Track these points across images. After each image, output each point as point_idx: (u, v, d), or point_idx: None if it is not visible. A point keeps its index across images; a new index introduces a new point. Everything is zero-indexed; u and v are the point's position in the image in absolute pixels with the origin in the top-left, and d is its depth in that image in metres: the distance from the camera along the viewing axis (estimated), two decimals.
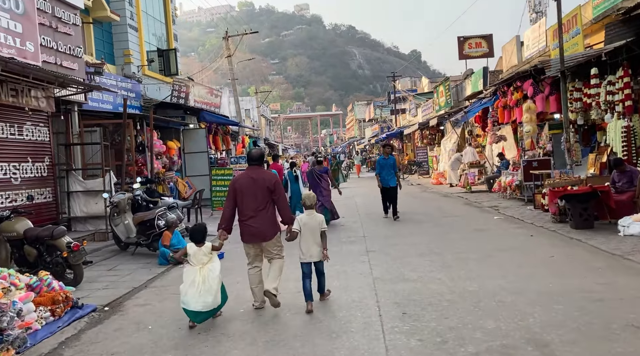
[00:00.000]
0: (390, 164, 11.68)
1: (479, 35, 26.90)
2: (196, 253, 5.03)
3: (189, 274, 4.97)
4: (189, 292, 4.87)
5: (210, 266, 5.02)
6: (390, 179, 11.59)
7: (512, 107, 15.11)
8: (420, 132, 31.40)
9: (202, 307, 4.86)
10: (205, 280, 4.92)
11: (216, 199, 14.45)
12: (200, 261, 5.01)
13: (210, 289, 4.90)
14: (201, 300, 4.85)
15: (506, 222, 9.95)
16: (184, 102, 17.79)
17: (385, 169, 11.63)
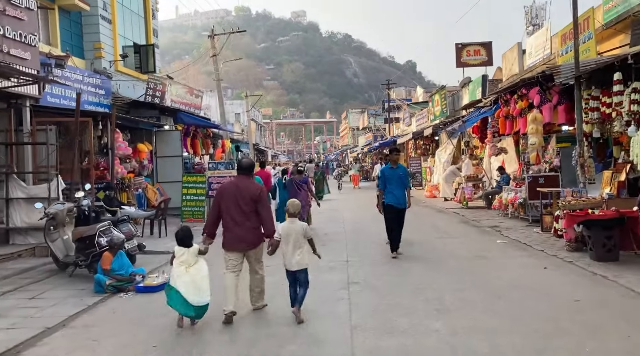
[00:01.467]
0: (400, 176, 8.48)
1: (477, 43, 25.80)
2: (183, 255, 5.22)
3: (177, 275, 5.15)
4: (182, 289, 5.04)
5: (197, 266, 5.21)
6: (400, 197, 8.37)
7: (515, 117, 13.84)
8: (414, 142, 30.16)
9: (200, 301, 5.05)
10: (194, 279, 5.11)
11: (186, 209, 13.01)
12: (187, 262, 5.19)
13: (200, 287, 5.10)
14: (195, 294, 5.04)
15: (511, 247, 8.60)
16: (159, 101, 16.37)
17: (393, 183, 8.38)
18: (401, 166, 8.98)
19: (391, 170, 8.62)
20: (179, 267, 5.19)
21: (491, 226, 11.23)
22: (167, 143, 15.74)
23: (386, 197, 8.44)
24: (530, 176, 11.34)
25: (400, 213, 8.37)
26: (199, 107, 19.41)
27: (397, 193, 8.38)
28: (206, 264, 5.29)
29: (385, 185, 8.46)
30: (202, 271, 5.22)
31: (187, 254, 5.23)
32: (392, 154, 9.12)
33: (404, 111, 37.17)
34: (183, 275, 5.11)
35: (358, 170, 35.32)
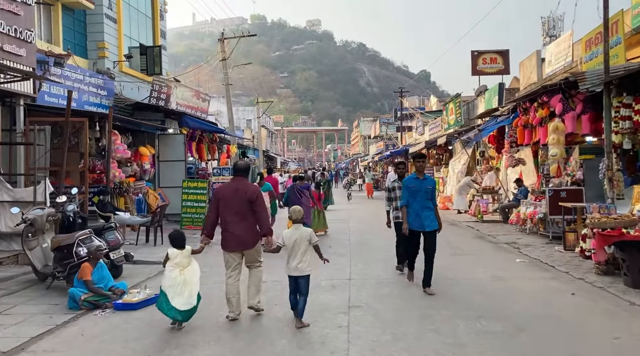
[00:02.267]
0: (428, 190, 6.69)
1: (494, 51, 25.00)
2: (177, 257, 5.30)
3: (170, 277, 5.19)
4: (170, 292, 5.09)
5: (191, 268, 5.30)
6: (427, 217, 6.57)
7: (535, 127, 13.05)
8: (427, 151, 29.38)
9: (184, 305, 5.08)
10: (187, 282, 5.18)
11: (186, 215, 12.39)
12: (180, 264, 5.28)
13: (192, 290, 5.18)
14: (183, 300, 5.08)
15: (532, 268, 7.81)
16: (164, 104, 15.87)
17: (419, 198, 6.58)
18: (429, 177, 7.03)
19: (417, 181, 6.66)
20: (172, 270, 5.25)
21: (508, 242, 10.44)
22: (171, 147, 15.19)
23: (411, 217, 6.55)
24: (552, 190, 10.54)
25: (431, 236, 6.56)
26: (205, 111, 18.88)
27: (426, 212, 6.52)
28: (198, 265, 5.45)
29: (408, 200, 6.60)
30: (195, 273, 5.34)
31: (181, 256, 5.32)
32: (416, 162, 7.06)
33: (417, 120, 36.41)
34: (176, 278, 5.19)
35: (372, 179, 32.51)
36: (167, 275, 5.22)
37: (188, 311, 5.14)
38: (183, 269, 5.24)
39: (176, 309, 5.06)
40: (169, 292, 5.09)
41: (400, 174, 8.12)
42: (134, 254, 9.37)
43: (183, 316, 5.14)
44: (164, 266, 5.36)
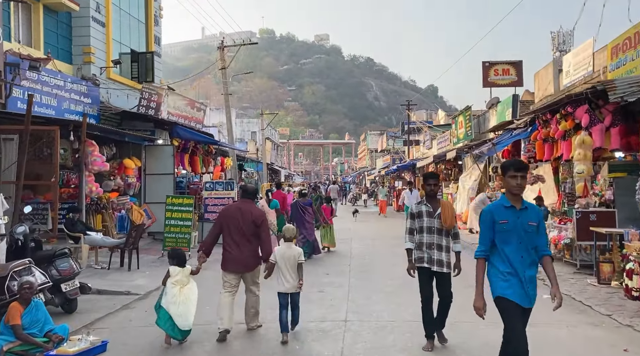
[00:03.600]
0: (531, 228, 3.80)
1: (506, 62, 23.91)
2: (178, 275, 5.37)
3: (172, 293, 5.25)
4: (172, 310, 5.15)
5: (189, 287, 5.40)
6: (532, 282, 3.99)
7: (557, 141, 11.83)
8: (435, 166, 28.16)
9: (185, 325, 5.18)
10: (187, 300, 5.26)
11: (169, 236, 11.21)
12: (180, 282, 5.36)
13: (191, 309, 5.28)
14: (182, 320, 5.16)
15: (565, 308, 6.43)
16: (154, 113, 14.81)
17: (515, 242, 3.80)
18: (531, 204, 3.97)
19: (511, 212, 3.77)
20: (173, 287, 5.28)
21: None
22: (158, 159, 14.09)
23: (495, 282, 3.94)
24: (580, 212, 9.28)
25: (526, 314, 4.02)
26: (200, 122, 17.82)
27: (530, 272, 3.85)
28: (196, 285, 5.49)
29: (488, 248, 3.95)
30: (194, 292, 5.40)
31: (182, 274, 5.37)
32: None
33: (425, 133, 35.24)
34: (177, 296, 5.21)
35: (387, 194, 29.66)
36: (168, 292, 5.26)
37: (188, 332, 5.25)
38: (183, 288, 5.31)
39: (177, 328, 5.15)
40: (170, 309, 5.16)
41: (429, 193, 5.31)
42: (103, 281, 8.26)
43: (183, 335, 5.23)
44: (164, 284, 5.38)
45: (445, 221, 5.12)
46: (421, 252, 5.19)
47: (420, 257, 5.20)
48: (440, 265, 5.18)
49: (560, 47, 34.03)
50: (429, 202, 5.25)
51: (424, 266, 5.20)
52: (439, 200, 5.31)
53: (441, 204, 5.27)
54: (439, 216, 5.13)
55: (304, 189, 15.98)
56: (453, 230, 5.27)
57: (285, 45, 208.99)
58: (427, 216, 5.17)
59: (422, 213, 5.21)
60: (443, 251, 5.18)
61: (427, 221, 5.15)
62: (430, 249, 5.16)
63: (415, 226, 5.25)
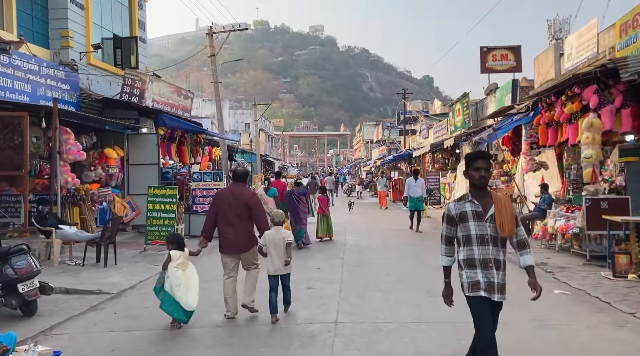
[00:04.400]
0: None
1: (505, 46, 23.16)
2: (180, 258, 5.43)
3: (176, 276, 5.32)
4: (177, 294, 5.22)
5: (191, 269, 5.51)
6: None
7: (562, 124, 11.18)
8: (432, 155, 27.52)
9: (191, 306, 5.28)
10: (189, 282, 5.36)
11: (152, 229, 10.52)
12: (182, 265, 5.43)
13: (195, 291, 5.38)
14: (189, 300, 5.25)
15: (581, 305, 5.87)
16: (137, 100, 14.05)
17: None
18: None
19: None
20: (176, 271, 5.35)
21: (537, 263, 8.51)
22: (142, 149, 13.36)
23: None
24: (590, 199, 8.64)
25: None
26: (188, 110, 17.07)
27: None
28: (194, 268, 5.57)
29: None
30: (194, 274, 5.50)
31: (182, 257, 5.46)
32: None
33: (421, 123, 34.55)
34: (181, 279, 5.28)
35: (386, 185, 27.34)
36: (172, 276, 5.31)
37: (192, 312, 5.34)
38: (185, 270, 5.40)
39: (183, 310, 5.24)
40: (175, 293, 5.21)
41: (478, 183, 3.53)
42: (75, 279, 7.58)
43: (188, 316, 5.31)
44: (164, 268, 5.42)
45: (501, 226, 3.42)
46: (474, 272, 3.53)
47: (475, 282, 3.51)
48: (502, 292, 3.53)
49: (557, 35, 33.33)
50: (477, 198, 3.50)
51: (481, 296, 3.49)
52: (490, 194, 3.54)
53: (494, 199, 3.49)
54: (492, 218, 3.45)
55: (299, 178, 15.65)
56: (516, 237, 3.55)
57: (279, 37, 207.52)
58: (475, 219, 3.47)
59: (467, 215, 3.50)
60: (501, 269, 3.55)
61: (476, 226, 3.47)
62: (486, 269, 3.49)
63: (457, 234, 3.61)
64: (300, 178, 16.06)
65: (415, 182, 14.63)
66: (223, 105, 55.34)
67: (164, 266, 5.42)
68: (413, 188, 14.46)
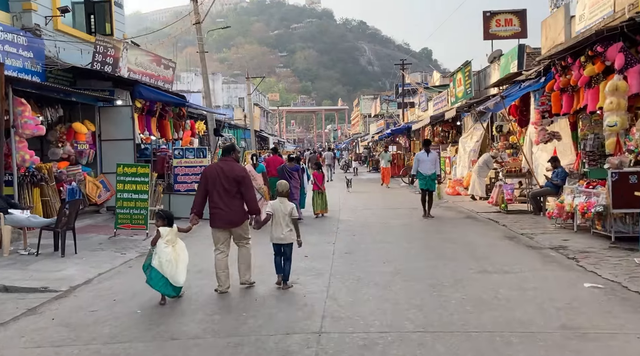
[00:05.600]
0: None
1: (509, 11, 21.71)
2: (169, 235, 5.40)
3: (166, 252, 5.30)
4: (167, 270, 5.22)
5: (179, 246, 5.50)
6: None
7: (579, 89, 10.03)
8: (432, 128, 26.35)
9: (181, 282, 5.33)
10: (178, 258, 5.37)
11: (122, 212, 9.43)
12: (171, 241, 5.41)
13: (184, 266, 5.41)
14: (178, 276, 5.28)
15: (621, 304, 4.74)
16: (111, 70, 12.80)
17: None
18: None
19: None
20: (166, 247, 5.33)
21: (554, 246, 7.49)
22: (115, 123, 12.17)
23: None
24: (616, 173, 7.55)
25: None
26: (169, 81, 15.81)
27: None
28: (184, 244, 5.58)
29: None
30: (184, 250, 5.52)
31: (172, 233, 5.43)
32: None
33: (420, 95, 33.23)
34: (170, 254, 5.27)
35: (390, 160, 24.83)
36: (161, 252, 5.29)
37: (181, 288, 5.34)
38: (174, 246, 5.38)
39: (172, 285, 5.23)
40: (166, 268, 5.21)
41: None
42: (22, 272, 6.55)
43: (177, 292, 5.32)
44: (153, 244, 5.42)
45: None
46: None
47: None
48: None
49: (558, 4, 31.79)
50: None
51: None
52: None
53: None
54: None
55: (292, 154, 14.82)
56: None
57: (275, 10, 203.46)
58: None
59: None
60: None
61: None
62: None
63: None
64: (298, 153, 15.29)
65: (427, 156, 11.82)
66: (215, 78, 53.86)
67: (153, 243, 5.43)
68: (424, 164, 11.65)
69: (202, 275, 6.29)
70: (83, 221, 11.01)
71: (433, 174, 11.76)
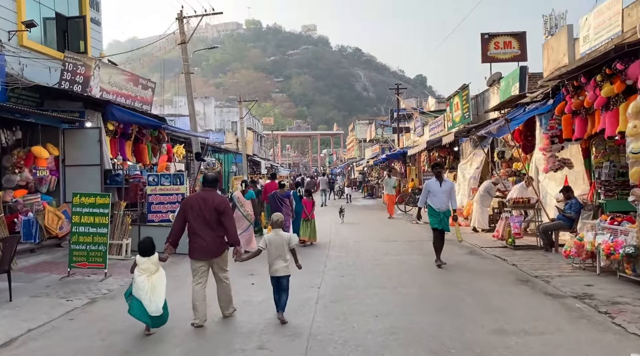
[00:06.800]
0: None
1: (508, 33, 20.97)
2: (145, 263, 5.33)
3: (138, 282, 5.23)
4: (142, 298, 5.15)
5: (158, 275, 5.36)
6: None
7: (593, 112, 9.02)
8: (428, 153, 25.36)
9: (155, 311, 5.15)
10: (155, 288, 5.23)
11: (77, 248, 8.21)
12: (148, 270, 5.31)
13: (161, 296, 5.24)
14: (153, 306, 5.14)
15: None
16: (80, 89, 11.75)
17: None
18: None
19: None
20: (140, 276, 5.27)
21: (577, 295, 6.31)
22: (82, 147, 11.04)
23: None
24: None
25: None
26: (148, 102, 14.74)
27: None
28: (164, 273, 5.43)
29: None
30: (162, 280, 5.37)
31: (148, 262, 5.34)
32: None
33: (415, 119, 32.39)
34: (144, 284, 5.21)
35: (395, 186, 21.09)
36: (135, 280, 5.25)
37: (158, 318, 5.22)
38: (151, 276, 5.29)
39: (147, 314, 5.14)
40: (140, 297, 5.15)
41: None
42: None
43: (154, 322, 5.22)
44: (132, 272, 5.37)
45: None
46: None
47: None
48: None
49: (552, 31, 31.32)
50: None
51: None
52: None
53: None
54: None
55: (282, 181, 13.99)
56: None
57: (272, 36, 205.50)
58: None
59: None
60: None
61: None
62: None
63: None
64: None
65: (441, 185, 8.87)
66: (207, 102, 52.99)
67: (131, 270, 5.39)
68: (437, 196, 8.80)
69: None
70: (39, 257, 9.81)
71: (448, 211, 8.83)
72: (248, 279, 7.74)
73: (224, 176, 26.48)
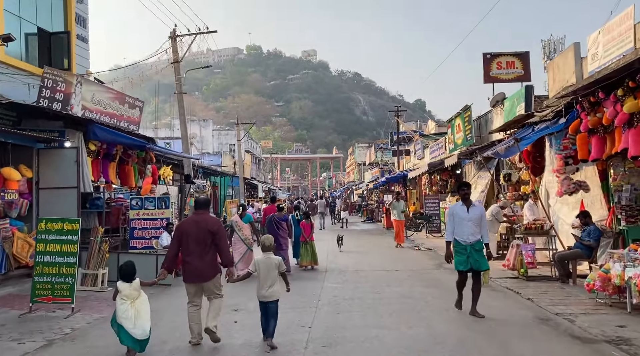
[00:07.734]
0: None
1: (510, 53, 20.47)
2: (126, 289, 5.31)
3: (122, 309, 5.22)
4: (126, 324, 5.17)
5: (140, 300, 5.36)
6: None
7: (613, 130, 8.25)
8: (429, 176, 24.59)
9: (142, 335, 5.20)
10: (139, 313, 5.26)
11: (42, 280, 7.31)
12: (130, 296, 5.31)
13: (145, 320, 5.26)
14: (139, 330, 5.18)
15: None
16: (60, 107, 11.00)
17: None
18: None
19: None
20: (123, 303, 5.26)
21: (610, 338, 5.42)
22: (58, 168, 10.19)
23: None
24: None
25: None
26: (135, 122, 14.00)
27: None
28: (147, 297, 5.47)
29: None
30: (145, 305, 5.38)
31: (130, 288, 5.32)
32: None
33: (416, 142, 31.74)
34: (128, 311, 5.21)
35: (404, 211, 18.54)
36: (118, 308, 5.23)
37: (144, 341, 5.26)
38: (133, 302, 5.29)
39: (134, 339, 5.17)
40: (124, 324, 5.16)
41: None
42: None
43: (141, 346, 5.26)
44: (114, 299, 5.35)
45: None
46: None
47: None
48: None
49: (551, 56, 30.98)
50: None
51: None
52: None
53: None
54: None
55: (280, 204, 13.44)
56: None
57: (272, 61, 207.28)
58: None
59: None
60: None
61: None
62: None
63: None
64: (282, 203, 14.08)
65: (468, 212, 6.92)
66: (205, 125, 52.50)
67: (113, 298, 5.37)
68: (463, 224, 6.89)
69: None
70: (4, 289, 8.90)
71: (479, 243, 6.85)
72: (231, 316, 6.84)
73: (220, 200, 25.62)
